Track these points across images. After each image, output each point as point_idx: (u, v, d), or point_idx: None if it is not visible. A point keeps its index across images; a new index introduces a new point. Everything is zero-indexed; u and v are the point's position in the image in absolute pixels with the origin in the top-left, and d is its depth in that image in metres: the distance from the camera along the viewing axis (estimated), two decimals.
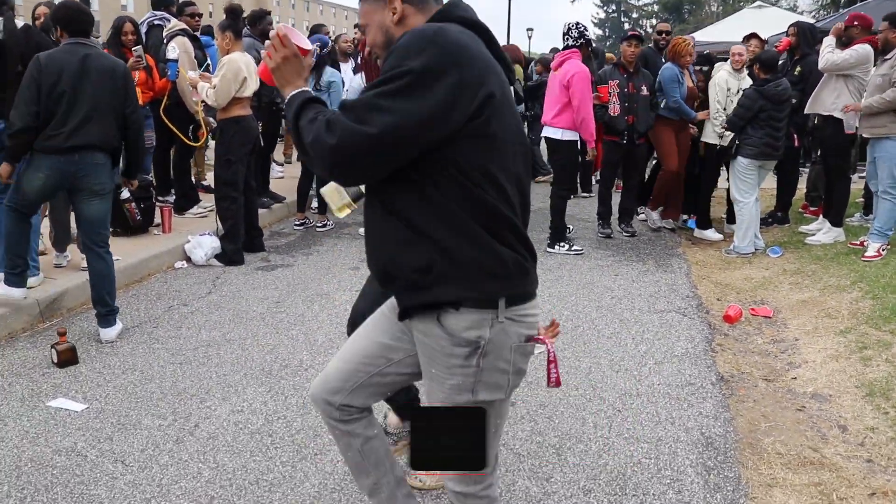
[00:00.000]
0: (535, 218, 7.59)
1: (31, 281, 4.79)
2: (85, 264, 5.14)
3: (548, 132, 6.55)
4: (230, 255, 6.01)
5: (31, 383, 3.83)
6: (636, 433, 3.40)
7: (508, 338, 1.86)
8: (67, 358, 4.04)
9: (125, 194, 4.45)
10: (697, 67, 7.78)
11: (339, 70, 7.07)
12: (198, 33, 7.00)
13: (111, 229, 5.87)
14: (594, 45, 7.66)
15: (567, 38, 6.56)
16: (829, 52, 6.29)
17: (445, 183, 1.77)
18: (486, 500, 2.03)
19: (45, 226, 5.62)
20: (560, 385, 2.02)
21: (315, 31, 8.00)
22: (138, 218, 4.72)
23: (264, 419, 3.49)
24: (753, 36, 7.59)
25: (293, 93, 1.88)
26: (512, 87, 2.04)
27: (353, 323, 2.78)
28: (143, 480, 2.97)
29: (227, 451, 3.19)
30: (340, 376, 2.13)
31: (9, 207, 4.35)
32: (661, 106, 7.16)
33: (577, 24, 6.68)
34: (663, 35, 8.32)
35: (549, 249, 6.61)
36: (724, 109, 6.73)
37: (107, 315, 4.40)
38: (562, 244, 6.64)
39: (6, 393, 3.72)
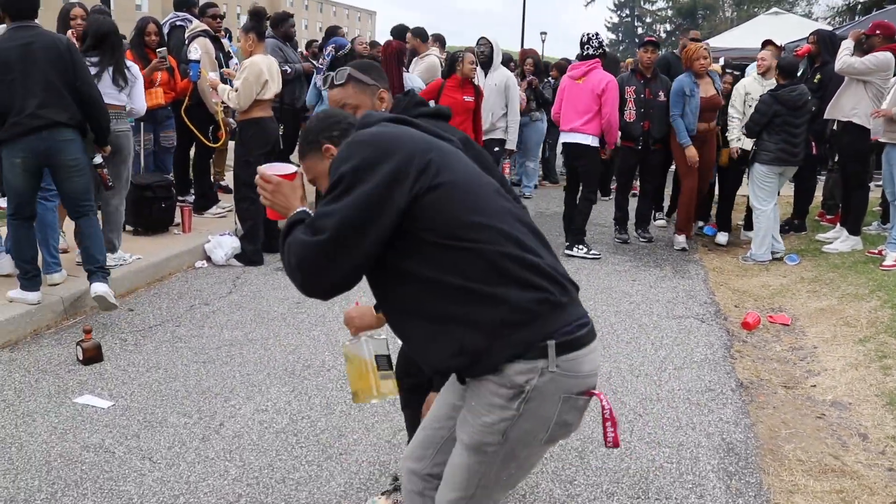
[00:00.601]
0: (550, 223, 7.66)
1: (54, 277, 4.86)
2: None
3: (576, 138, 6.59)
4: (250, 255, 6.06)
5: (57, 380, 3.88)
6: (657, 437, 3.43)
7: (558, 388, 1.76)
8: (93, 356, 4.09)
9: (98, 159, 4.65)
10: (729, 71, 7.80)
11: None
12: (220, 35, 7.05)
13: (132, 228, 5.98)
14: (612, 53, 7.81)
15: (587, 48, 6.65)
16: (846, 55, 6.30)
17: (435, 257, 1.75)
18: None
19: (68, 224, 5.68)
20: (618, 446, 1.85)
21: (331, 33, 8.06)
22: (110, 184, 4.95)
23: (289, 419, 3.53)
24: (769, 43, 7.61)
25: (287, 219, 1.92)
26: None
27: (406, 370, 2.70)
28: (171, 477, 3.01)
29: (252, 450, 3.23)
30: (421, 443, 2.09)
31: (9, 217, 4.49)
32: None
33: (597, 34, 6.83)
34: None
35: (567, 252, 6.64)
36: (744, 115, 6.73)
37: (97, 271, 4.57)
38: (580, 247, 6.67)
39: (33, 389, 3.77)
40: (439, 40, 8.89)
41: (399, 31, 8.27)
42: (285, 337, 4.56)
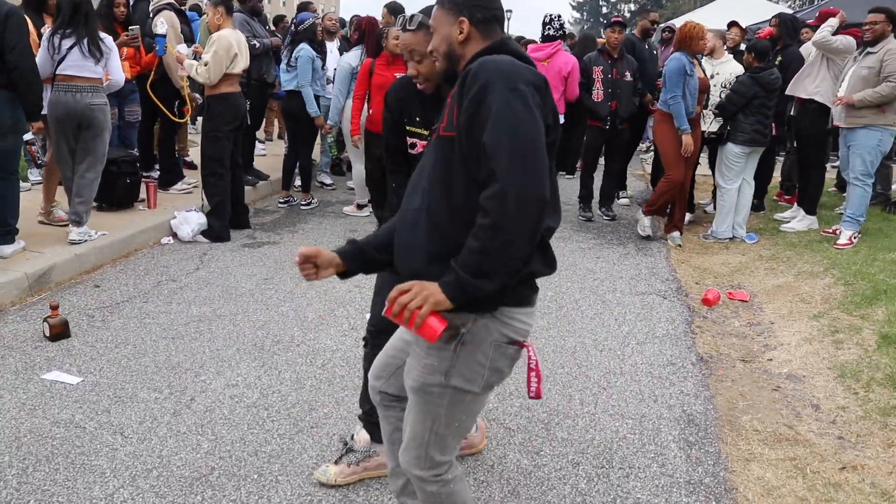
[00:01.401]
0: None
1: (4, 250, 4.94)
2: (72, 237, 5.22)
3: None
4: (217, 231, 6.04)
5: (24, 356, 3.86)
6: (621, 410, 3.54)
7: (490, 334, 1.91)
8: (60, 332, 4.07)
9: (28, 136, 4.78)
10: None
11: (317, 48, 7.03)
12: (184, 8, 6.94)
13: (97, 204, 5.93)
14: (587, 31, 7.90)
15: (549, 28, 6.78)
16: (828, 31, 6.43)
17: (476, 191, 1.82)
18: (440, 484, 2.08)
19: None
20: (540, 397, 1.98)
21: (302, 8, 7.98)
22: (39, 162, 5.09)
23: (259, 393, 3.56)
24: (734, 24, 7.75)
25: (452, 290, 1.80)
26: None
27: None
28: (144, 452, 3.03)
29: (224, 424, 3.27)
30: (380, 366, 2.33)
31: None
32: (663, 99, 6.43)
33: (559, 16, 7.00)
34: (654, 24, 8.41)
35: None
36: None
37: (5, 234, 4.93)
38: None
39: (0, 366, 3.74)
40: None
41: (394, 9, 8.06)
42: (254, 313, 4.58)
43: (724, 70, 6.85)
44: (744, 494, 2.91)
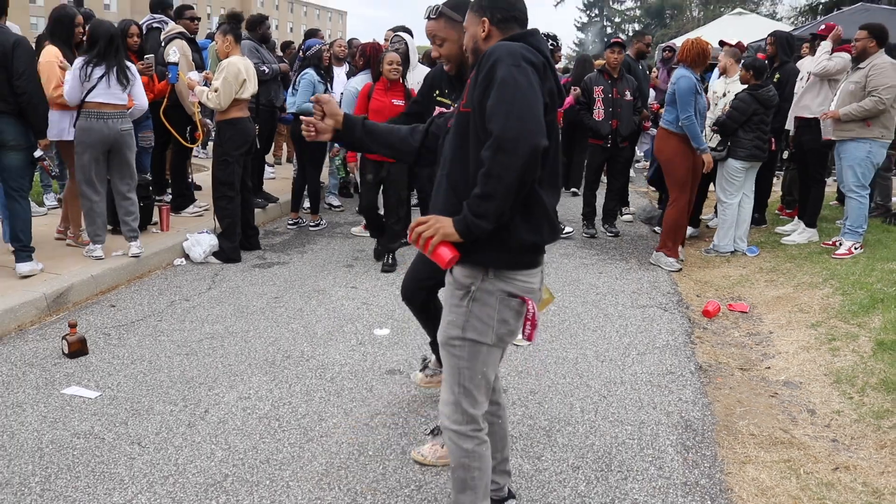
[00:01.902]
0: None
1: (22, 268, 5.17)
2: (133, 251, 5.72)
3: None
4: (228, 252, 6.20)
5: (44, 372, 4.00)
6: (620, 417, 3.64)
7: (495, 290, 2.24)
8: (78, 349, 4.22)
9: (38, 153, 5.14)
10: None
11: (324, 73, 7.23)
12: (194, 36, 7.17)
13: (111, 227, 6.11)
14: (583, 53, 8.14)
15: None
16: (826, 60, 6.57)
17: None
18: (477, 441, 2.35)
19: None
20: (532, 340, 2.33)
21: (310, 35, 8.20)
22: (53, 174, 5.43)
23: (271, 405, 3.69)
24: (724, 43, 7.96)
25: (460, 227, 2.14)
26: None
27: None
28: (160, 460, 3.16)
29: (237, 434, 3.39)
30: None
31: None
32: (668, 119, 6.33)
33: (555, 35, 7.42)
34: (648, 47, 8.59)
35: None
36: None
37: (20, 251, 5.19)
38: None
39: (21, 381, 3.89)
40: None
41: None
42: (265, 330, 4.72)
43: (737, 89, 6.89)
44: (738, 495, 3.00)
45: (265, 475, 3.07)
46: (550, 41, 7.49)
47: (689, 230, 7.42)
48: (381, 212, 6.30)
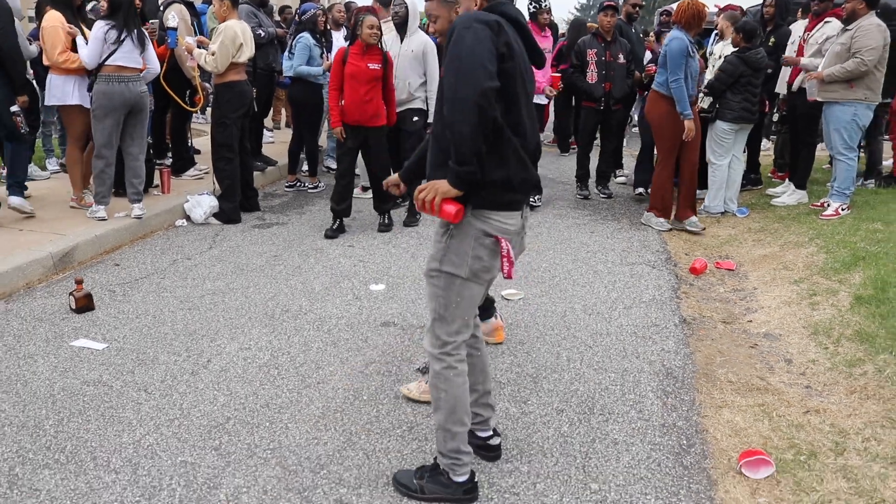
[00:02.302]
0: None
1: (12, 200, 5.59)
2: (135, 213, 5.92)
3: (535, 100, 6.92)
4: (228, 213, 6.34)
5: (53, 327, 4.17)
6: (605, 365, 3.82)
7: (472, 229, 2.47)
8: (85, 304, 4.38)
9: (14, 108, 5.46)
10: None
11: (320, 38, 7.29)
12: (193, 1, 7.22)
13: (115, 189, 6.22)
14: (577, 17, 8.25)
15: (531, 7, 7.23)
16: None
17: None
18: (444, 365, 2.58)
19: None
20: (511, 277, 2.52)
21: None
22: (23, 130, 5.59)
23: (270, 355, 3.86)
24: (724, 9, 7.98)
25: (451, 180, 2.38)
26: None
27: None
28: (166, 405, 3.33)
29: (238, 381, 3.57)
30: None
31: None
32: (659, 81, 6.30)
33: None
34: (637, 9, 8.57)
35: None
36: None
37: (14, 185, 5.69)
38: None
39: (31, 335, 4.06)
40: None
41: (385, 1, 8.35)
42: (264, 286, 4.88)
43: (730, 52, 6.92)
44: (713, 435, 3.18)
45: (265, 418, 3.24)
46: (534, 3, 7.65)
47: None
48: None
